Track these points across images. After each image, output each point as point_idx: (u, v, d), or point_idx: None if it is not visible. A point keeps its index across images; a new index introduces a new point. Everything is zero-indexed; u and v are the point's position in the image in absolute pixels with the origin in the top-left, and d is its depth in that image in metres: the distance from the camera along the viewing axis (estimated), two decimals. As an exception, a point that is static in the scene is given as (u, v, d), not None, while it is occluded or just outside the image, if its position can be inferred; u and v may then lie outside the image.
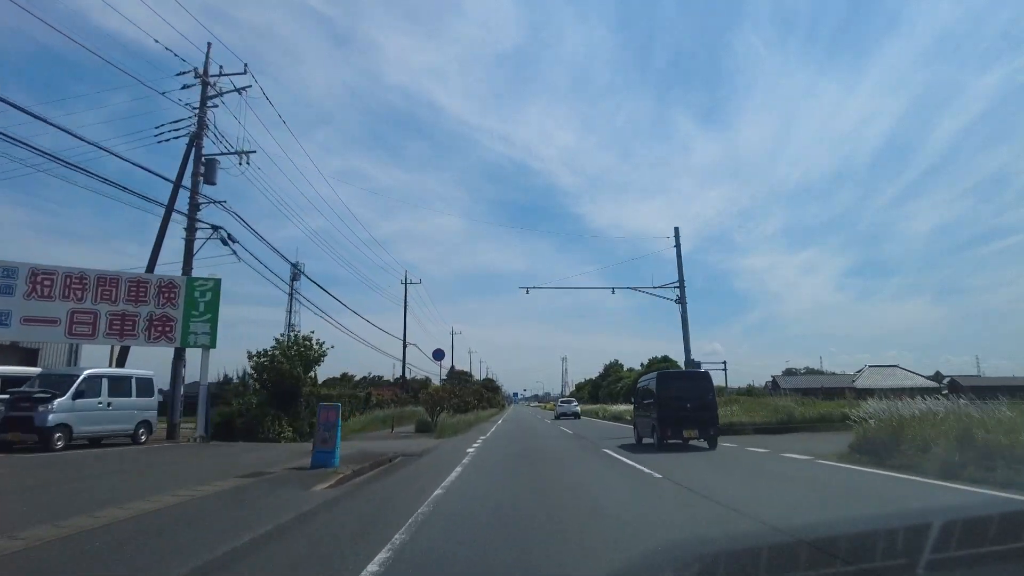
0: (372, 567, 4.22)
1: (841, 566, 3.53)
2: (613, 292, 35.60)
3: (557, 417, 44.82)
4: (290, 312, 70.46)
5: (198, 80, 19.40)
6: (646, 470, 10.60)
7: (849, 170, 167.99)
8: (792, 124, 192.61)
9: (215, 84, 19.56)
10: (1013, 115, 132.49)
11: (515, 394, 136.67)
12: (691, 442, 15.99)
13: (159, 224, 19.31)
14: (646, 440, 17.56)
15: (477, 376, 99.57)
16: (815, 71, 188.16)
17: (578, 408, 48.99)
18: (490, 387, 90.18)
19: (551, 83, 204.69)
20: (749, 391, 44.04)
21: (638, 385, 21.98)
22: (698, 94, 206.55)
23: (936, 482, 8.24)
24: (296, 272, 71.97)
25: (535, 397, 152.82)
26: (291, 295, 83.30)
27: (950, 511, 5.95)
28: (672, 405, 16.24)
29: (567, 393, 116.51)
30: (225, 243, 19.08)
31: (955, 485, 7.85)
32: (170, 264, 20.17)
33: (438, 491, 8.11)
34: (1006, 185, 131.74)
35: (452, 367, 71.13)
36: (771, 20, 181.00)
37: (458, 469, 11.07)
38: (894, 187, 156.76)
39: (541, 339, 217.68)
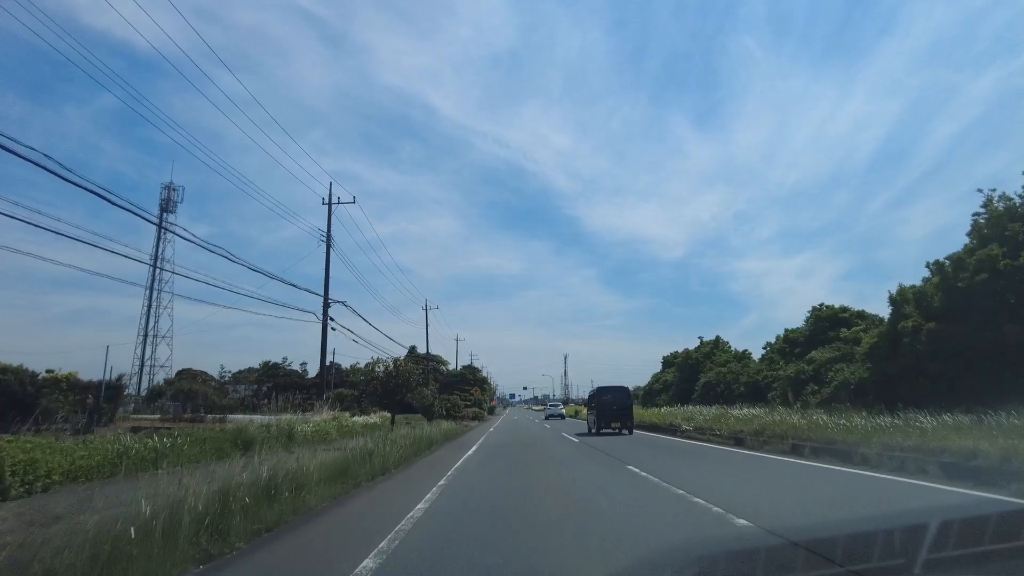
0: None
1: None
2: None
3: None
4: (157, 258, 55.85)
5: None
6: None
7: (845, 174, 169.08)
8: (787, 127, 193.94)
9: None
10: (1009, 119, 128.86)
11: (512, 396, 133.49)
12: (622, 431, 24.41)
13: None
14: (592, 431, 26.40)
15: (453, 363, 75.24)
16: (810, 74, 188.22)
17: (563, 411, 61.68)
18: (469, 380, 66.63)
19: (545, 86, 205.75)
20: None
21: (589, 394, 36.60)
22: (693, 97, 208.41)
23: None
24: (167, 201, 60.22)
25: (534, 399, 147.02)
26: (160, 233, 58.39)
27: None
28: (604, 407, 25.20)
29: (570, 394, 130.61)
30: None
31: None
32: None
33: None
34: (1002, 189, 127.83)
35: (412, 347, 55.59)
36: (766, 22, 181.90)
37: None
38: (890, 191, 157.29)
39: (540, 342, 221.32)
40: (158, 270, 57.78)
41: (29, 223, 9.82)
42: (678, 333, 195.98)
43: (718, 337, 44.60)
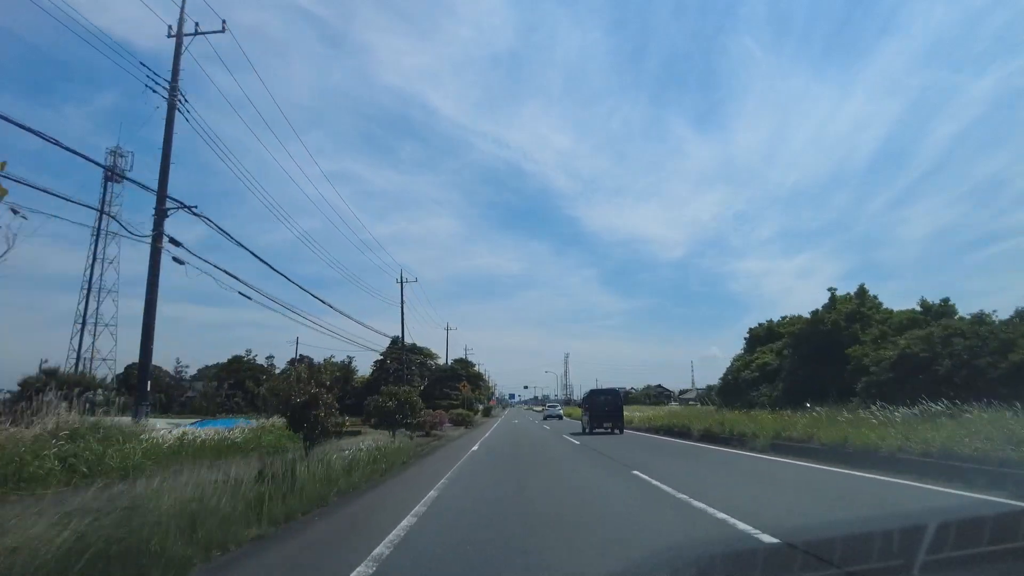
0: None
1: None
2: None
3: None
4: (97, 240, 45.05)
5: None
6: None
7: (845, 174, 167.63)
8: (787, 127, 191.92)
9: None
10: (1009, 119, 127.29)
11: (512, 396, 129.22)
12: (614, 431, 24.59)
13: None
14: (586, 430, 25.91)
15: (442, 357, 65.00)
16: (810, 74, 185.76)
17: (560, 411, 60.63)
18: (461, 375, 59.15)
19: (545, 86, 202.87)
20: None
21: (583, 396, 34.22)
22: (693, 97, 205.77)
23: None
24: (112, 172, 39.10)
25: (535, 399, 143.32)
26: (102, 212, 34.83)
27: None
28: (597, 408, 25.62)
29: (572, 394, 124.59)
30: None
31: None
32: None
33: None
34: (1002, 189, 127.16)
35: (395, 339, 46.28)
36: (766, 22, 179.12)
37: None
38: (890, 191, 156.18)
39: (541, 342, 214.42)
40: (101, 239, 47.40)
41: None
42: (678, 333, 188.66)
43: (863, 288, 23.09)
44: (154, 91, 15.52)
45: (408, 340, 64.84)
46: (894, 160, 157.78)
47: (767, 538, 4.73)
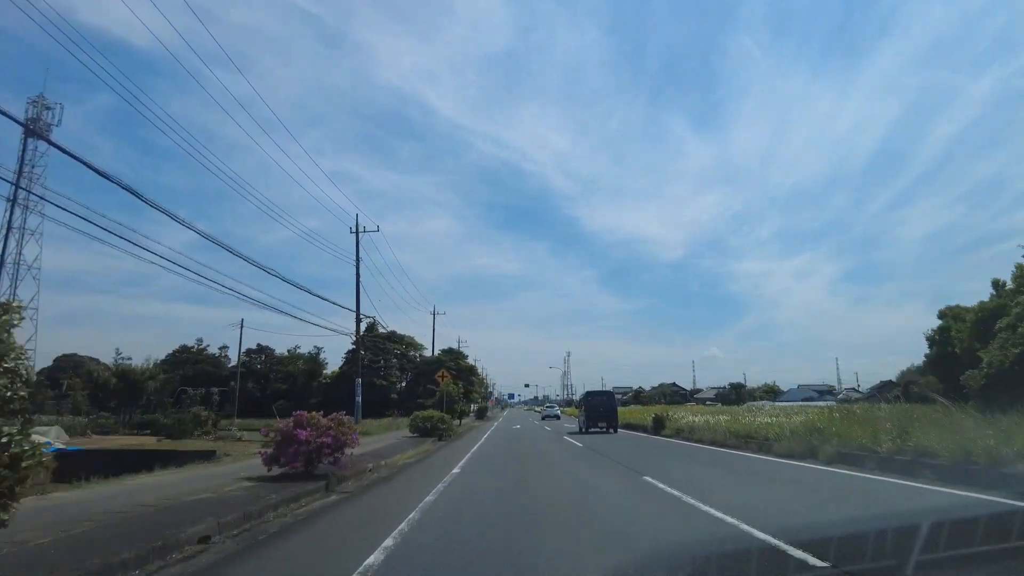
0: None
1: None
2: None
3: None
4: (13, 206, 40.19)
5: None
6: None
7: (843, 175, 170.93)
8: (786, 128, 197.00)
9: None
10: (1007, 120, 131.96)
11: (511, 395, 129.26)
12: (609, 431, 27.00)
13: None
14: (582, 429, 28.67)
15: (428, 349, 52.49)
16: (809, 75, 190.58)
17: (558, 412, 65.58)
18: (451, 369, 44.32)
19: (543, 86, 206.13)
20: None
21: (580, 397, 39.06)
22: (692, 98, 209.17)
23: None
24: (32, 129, 36.04)
25: (535, 399, 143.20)
26: (20, 172, 37.61)
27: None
28: (592, 409, 28.04)
29: (573, 394, 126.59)
30: None
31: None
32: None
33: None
34: (1000, 190, 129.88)
35: (372, 324, 38.75)
36: (765, 23, 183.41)
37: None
38: (888, 192, 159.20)
39: (541, 343, 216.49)
40: (19, 207, 42.18)
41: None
42: (679, 333, 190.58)
43: None
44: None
45: (398, 333, 56.97)
46: (893, 161, 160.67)
47: None
